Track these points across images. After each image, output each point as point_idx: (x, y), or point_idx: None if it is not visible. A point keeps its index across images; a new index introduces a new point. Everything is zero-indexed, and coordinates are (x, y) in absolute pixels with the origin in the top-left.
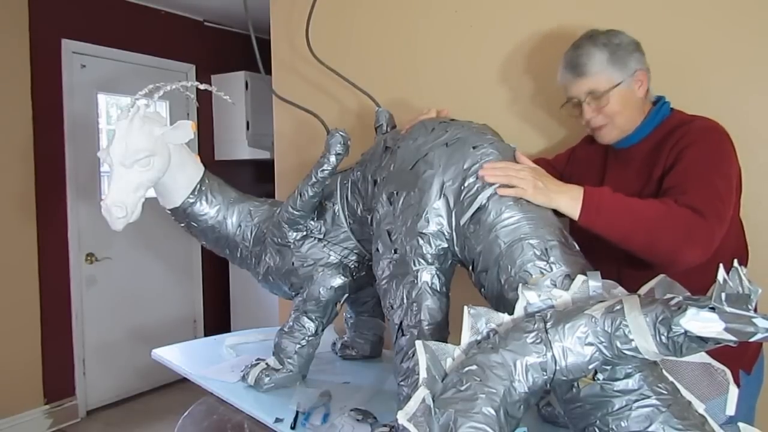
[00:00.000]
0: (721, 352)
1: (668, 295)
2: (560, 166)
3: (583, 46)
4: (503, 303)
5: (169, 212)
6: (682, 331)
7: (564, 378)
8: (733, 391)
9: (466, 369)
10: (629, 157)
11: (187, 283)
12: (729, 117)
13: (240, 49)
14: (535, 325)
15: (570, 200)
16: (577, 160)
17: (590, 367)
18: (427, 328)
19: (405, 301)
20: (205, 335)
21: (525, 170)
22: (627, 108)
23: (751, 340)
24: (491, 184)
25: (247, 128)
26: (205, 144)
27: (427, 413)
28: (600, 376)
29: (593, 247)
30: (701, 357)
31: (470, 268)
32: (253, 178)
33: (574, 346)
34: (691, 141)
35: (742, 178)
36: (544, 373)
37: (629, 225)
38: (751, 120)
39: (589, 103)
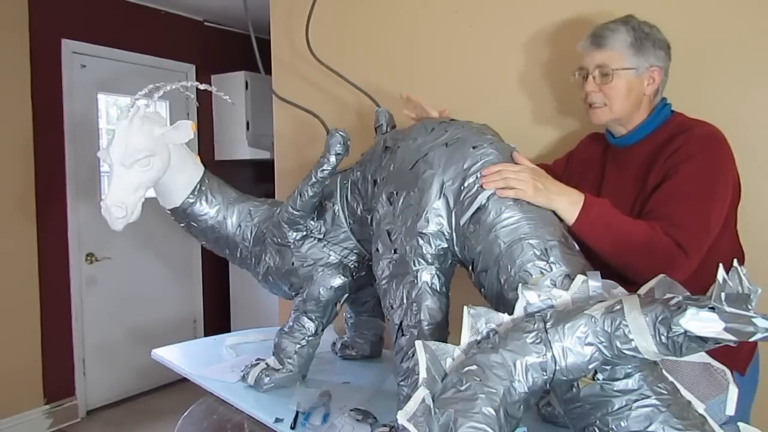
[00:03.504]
0: (713, 354)
1: (668, 295)
2: (559, 170)
3: (614, 22)
4: (503, 303)
5: (169, 212)
6: (682, 331)
7: (564, 378)
8: (733, 391)
9: (466, 369)
10: (628, 159)
11: (187, 283)
12: (728, 117)
13: (240, 49)
14: (535, 325)
15: (569, 204)
16: (576, 162)
17: (590, 367)
18: (427, 328)
19: (405, 301)
20: (205, 335)
21: (524, 171)
22: (629, 97)
23: (751, 339)
24: None
25: (247, 128)
26: (205, 144)
27: (427, 413)
28: (600, 376)
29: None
30: (701, 357)
31: (470, 268)
32: (253, 178)
33: (574, 346)
34: (689, 154)
35: (740, 183)
36: (544, 373)
37: (616, 243)
38: (752, 119)
39: (595, 78)
